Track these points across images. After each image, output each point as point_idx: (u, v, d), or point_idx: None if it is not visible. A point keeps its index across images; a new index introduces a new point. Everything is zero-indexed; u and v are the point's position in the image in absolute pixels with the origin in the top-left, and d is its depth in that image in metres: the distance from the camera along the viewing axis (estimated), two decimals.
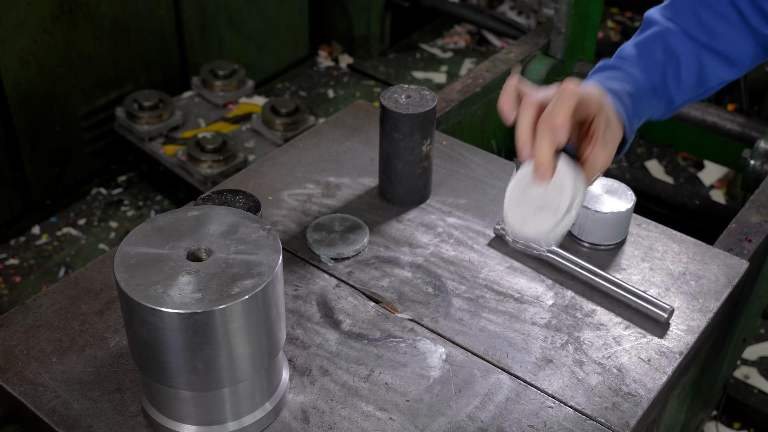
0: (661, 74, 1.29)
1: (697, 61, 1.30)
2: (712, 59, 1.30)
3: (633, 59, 1.30)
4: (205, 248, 1.10)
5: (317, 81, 4.05)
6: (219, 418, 1.16)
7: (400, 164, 1.56)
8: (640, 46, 1.31)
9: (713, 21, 1.29)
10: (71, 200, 3.29)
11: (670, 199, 2.28)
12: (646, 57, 1.30)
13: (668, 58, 1.29)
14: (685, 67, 1.30)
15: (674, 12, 1.31)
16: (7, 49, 2.84)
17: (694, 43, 1.29)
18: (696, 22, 1.29)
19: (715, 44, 1.29)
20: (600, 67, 1.33)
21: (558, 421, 1.22)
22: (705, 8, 1.29)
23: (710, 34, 1.29)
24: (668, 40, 1.30)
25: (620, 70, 1.29)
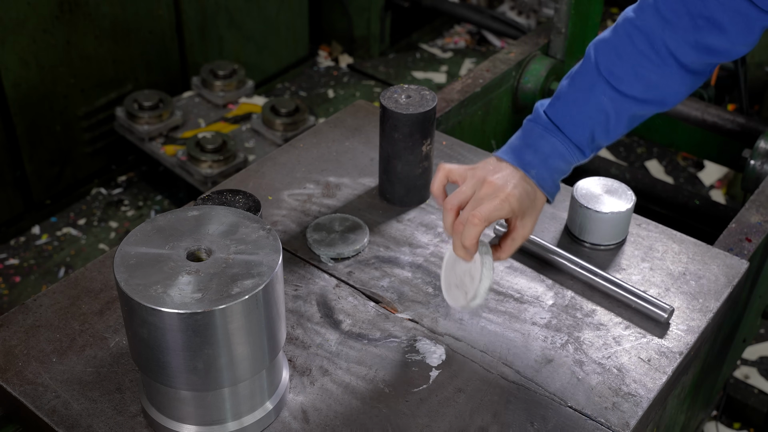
0: (589, 135, 1.30)
1: (630, 114, 1.29)
2: (644, 107, 1.29)
3: (563, 121, 1.30)
4: (205, 248, 1.10)
5: (317, 81, 4.05)
6: (219, 418, 1.16)
7: (400, 164, 1.56)
8: (571, 104, 1.29)
9: (649, 72, 1.25)
10: (71, 200, 3.29)
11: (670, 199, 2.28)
12: (575, 121, 1.29)
13: (598, 117, 1.29)
14: (616, 121, 1.29)
15: (610, 62, 1.27)
16: (7, 49, 2.84)
17: (626, 100, 1.27)
18: (632, 75, 1.26)
19: (650, 95, 1.27)
20: (528, 126, 1.33)
21: (558, 421, 1.22)
22: (642, 58, 1.25)
23: (646, 86, 1.26)
24: (600, 99, 1.27)
25: (545, 138, 1.30)
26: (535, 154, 1.30)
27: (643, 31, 1.24)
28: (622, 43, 1.26)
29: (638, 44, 1.25)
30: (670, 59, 1.24)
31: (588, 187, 1.52)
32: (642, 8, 1.25)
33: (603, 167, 2.39)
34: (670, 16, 1.22)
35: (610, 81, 1.27)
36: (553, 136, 1.30)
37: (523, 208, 1.28)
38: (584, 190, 1.52)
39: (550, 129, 1.30)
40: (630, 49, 1.25)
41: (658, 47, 1.23)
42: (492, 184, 1.26)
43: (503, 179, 1.27)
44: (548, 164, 1.29)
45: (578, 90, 1.30)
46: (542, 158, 1.29)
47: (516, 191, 1.26)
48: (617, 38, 1.27)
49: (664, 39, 1.23)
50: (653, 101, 1.28)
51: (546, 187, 1.30)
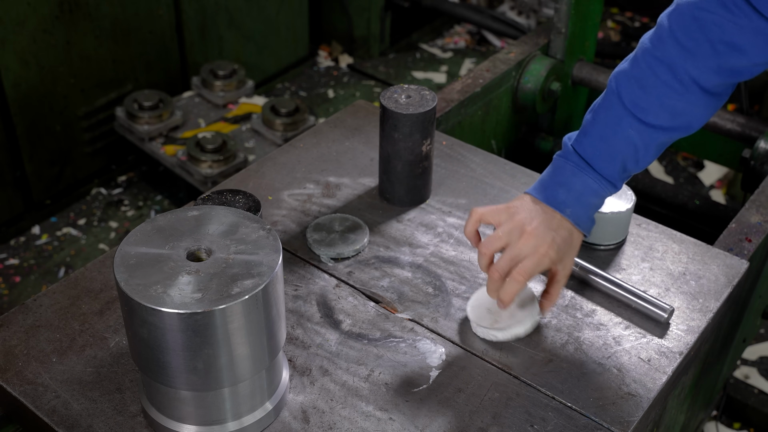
0: (620, 168, 1.30)
1: (657, 143, 1.29)
2: (672, 134, 1.29)
3: (593, 157, 1.30)
4: (205, 248, 1.10)
5: (317, 81, 4.05)
6: (219, 418, 1.16)
7: (400, 164, 1.56)
8: (599, 140, 1.30)
9: (675, 101, 1.25)
10: (71, 200, 3.28)
11: (670, 199, 2.28)
12: (605, 156, 1.30)
13: (627, 150, 1.29)
14: (644, 152, 1.29)
15: (634, 95, 1.27)
16: (7, 49, 2.84)
17: (653, 131, 1.28)
18: (657, 106, 1.26)
19: (677, 123, 1.27)
20: (559, 163, 1.33)
21: (558, 421, 1.22)
22: (666, 89, 1.25)
23: (672, 115, 1.26)
24: (627, 133, 1.28)
25: (577, 175, 1.31)
26: (569, 193, 1.30)
27: (664, 62, 1.24)
28: (645, 76, 1.26)
29: (661, 75, 1.25)
30: (694, 86, 1.24)
31: None
32: (660, 38, 1.25)
33: None
34: (691, 45, 1.22)
35: (636, 114, 1.27)
36: (584, 173, 1.30)
37: (562, 254, 1.30)
38: None
39: (581, 166, 1.31)
40: (653, 80, 1.25)
41: (681, 77, 1.24)
42: (531, 236, 1.27)
43: (542, 230, 1.28)
44: (582, 201, 1.31)
45: (605, 125, 1.30)
46: (576, 196, 1.30)
47: (555, 242, 1.28)
48: (639, 70, 1.27)
49: (686, 68, 1.23)
50: (679, 128, 1.28)
51: (582, 225, 1.31)
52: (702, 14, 1.21)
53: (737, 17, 1.18)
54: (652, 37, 1.27)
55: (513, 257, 1.27)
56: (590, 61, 2.38)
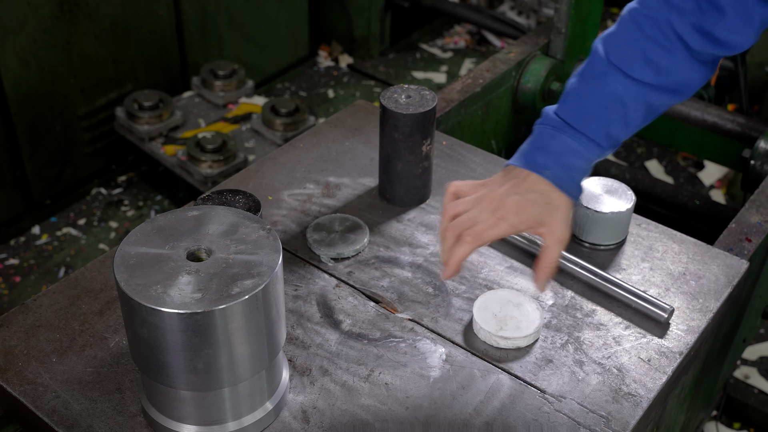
0: (605, 126, 1.26)
1: (644, 102, 1.26)
2: (659, 95, 1.27)
3: (574, 116, 1.27)
4: (205, 248, 1.10)
5: (317, 81, 4.05)
6: (219, 418, 1.16)
7: (400, 164, 1.56)
8: (583, 97, 1.27)
9: (659, 56, 1.24)
10: (71, 200, 3.29)
11: (670, 199, 2.28)
12: (588, 114, 1.26)
13: (613, 107, 1.26)
14: (632, 110, 1.26)
15: (620, 51, 1.26)
16: (7, 49, 2.84)
17: (640, 86, 1.25)
18: (642, 60, 1.24)
19: (662, 81, 1.25)
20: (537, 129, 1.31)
21: (558, 421, 1.22)
22: (651, 43, 1.24)
23: (657, 71, 1.25)
24: (614, 88, 1.25)
25: (556, 137, 1.27)
26: (548, 155, 1.26)
27: (649, 17, 1.24)
28: (630, 31, 1.25)
29: (646, 30, 1.24)
30: (678, 43, 1.23)
31: (588, 187, 1.52)
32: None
33: (603, 167, 2.39)
34: (676, 1, 1.22)
35: (622, 68, 1.25)
36: (564, 134, 1.27)
37: (533, 218, 1.24)
38: (584, 190, 1.51)
39: (561, 127, 1.27)
40: (638, 35, 1.24)
41: (666, 31, 1.23)
42: (491, 200, 1.24)
43: (505, 193, 1.24)
44: (562, 162, 1.25)
45: (589, 82, 1.27)
46: (555, 157, 1.26)
47: (516, 207, 1.23)
48: (623, 28, 1.27)
49: (670, 22, 1.23)
50: (667, 88, 1.26)
51: (565, 187, 1.25)
52: None
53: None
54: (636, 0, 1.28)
55: (468, 219, 1.23)
56: None
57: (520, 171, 1.26)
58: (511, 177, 1.26)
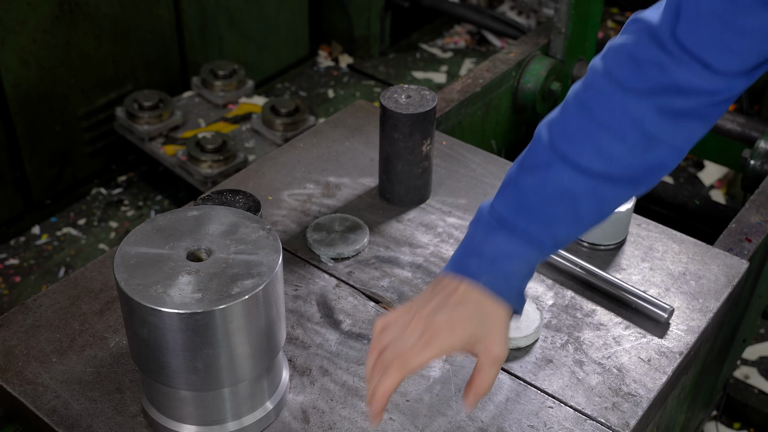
0: (550, 223, 1.09)
1: (597, 197, 1.09)
2: (614, 190, 1.09)
3: (512, 212, 1.09)
4: (205, 248, 1.10)
5: (317, 81, 4.05)
6: (219, 418, 1.16)
7: (400, 164, 1.56)
8: (524, 190, 1.09)
9: (612, 145, 1.07)
10: (71, 200, 3.28)
11: (670, 199, 2.28)
12: (530, 209, 1.08)
13: (561, 203, 1.08)
14: (584, 206, 1.09)
15: (566, 138, 1.08)
16: (7, 49, 2.84)
17: (589, 179, 1.07)
18: (592, 149, 1.07)
19: (615, 172, 1.08)
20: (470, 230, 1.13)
21: (558, 421, 1.22)
22: (602, 130, 1.07)
23: (608, 162, 1.07)
24: (559, 179, 1.08)
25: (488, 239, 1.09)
26: (481, 260, 1.08)
27: (600, 102, 1.08)
28: (579, 117, 1.09)
29: (597, 115, 1.07)
30: (633, 128, 1.07)
31: None
32: (594, 80, 1.09)
33: None
34: (629, 83, 1.06)
35: (568, 156, 1.07)
36: (499, 235, 1.08)
37: (467, 334, 1.05)
38: None
39: (497, 226, 1.09)
40: (587, 121, 1.08)
41: (618, 115, 1.07)
42: (418, 321, 1.06)
43: (433, 310, 1.06)
44: (498, 268, 1.07)
45: (531, 173, 1.09)
46: (489, 262, 1.08)
47: (446, 325, 1.05)
48: (571, 113, 1.10)
49: (624, 105, 1.06)
50: (619, 179, 1.08)
51: (503, 295, 1.07)
52: (640, 53, 1.06)
53: (679, 64, 1.04)
54: (584, 81, 1.11)
55: (394, 348, 1.06)
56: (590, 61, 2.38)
57: (450, 281, 1.09)
58: (441, 289, 1.09)
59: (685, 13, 1.03)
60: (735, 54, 1.03)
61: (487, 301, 1.07)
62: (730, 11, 0.99)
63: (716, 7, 1.00)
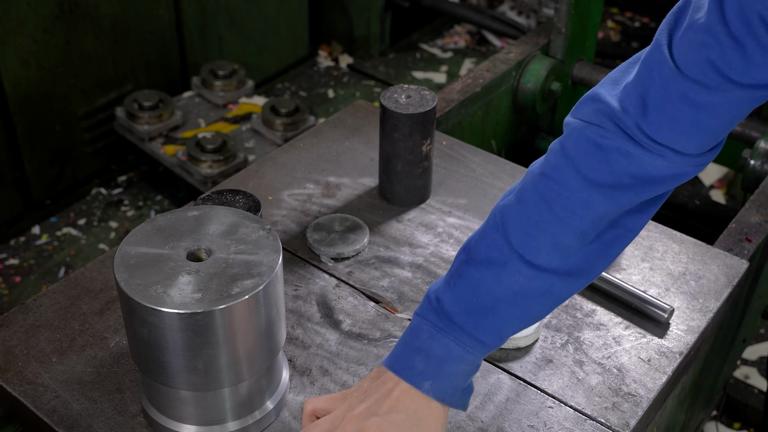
0: (500, 326, 1.06)
1: (549, 294, 1.06)
2: (567, 284, 1.06)
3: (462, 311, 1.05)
4: (205, 248, 1.10)
5: (317, 81, 4.05)
6: (219, 418, 1.16)
7: (400, 164, 1.56)
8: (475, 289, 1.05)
9: (572, 240, 1.04)
10: (71, 200, 3.28)
11: (670, 199, 2.28)
12: (481, 311, 1.05)
13: (514, 302, 1.04)
14: (536, 306, 1.06)
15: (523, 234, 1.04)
16: (7, 49, 2.84)
17: (545, 276, 1.04)
18: (551, 246, 1.03)
19: (570, 266, 1.05)
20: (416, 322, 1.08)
21: (558, 421, 1.22)
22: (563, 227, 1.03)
23: (566, 257, 1.04)
24: (514, 279, 1.04)
25: (436, 338, 1.05)
26: (427, 361, 1.04)
27: (562, 195, 1.03)
28: (538, 210, 1.04)
29: (557, 210, 1.03)
30: (593, 226, 1.03)
31: None
32: (556, 167, 1.04)
33: None
34: (595, 177, 1.02)
35: (525, 255, 1.03)
36: (447, 336, 1.05)
37: None
38: None
39: (442, 328, 1.05)
40: (547, 216, 1.03)
41: (579, 212, 1.02)
42: (348, 422, 1.05)
43: (363, 413, 1.04)
44: (444, 371, 1.04)
45: (485, 269, 1.05)
46: (436, 364, 1.04)
47: (375, 429, 1.03)
48: (530, 204, 1.05)
49: (588, 201, 1.02)
50: (573, 272, 1.05)
51: (447, 399, 1.05)
52: (605, 142, 1.01)
53: (647, 151, 1.00)
54: (544, 166, 1.06)
55: None
56: (590, 61, 2.38)
57: (388, 378, 1.06)
58: (376, 388, 1.06)
59: (653, 103, 0.98)
60: (709, 134, 0.99)
61: (424, 407, 1.04)
62: (700, 93, 0.95)
63: (685, 92, 0.95)
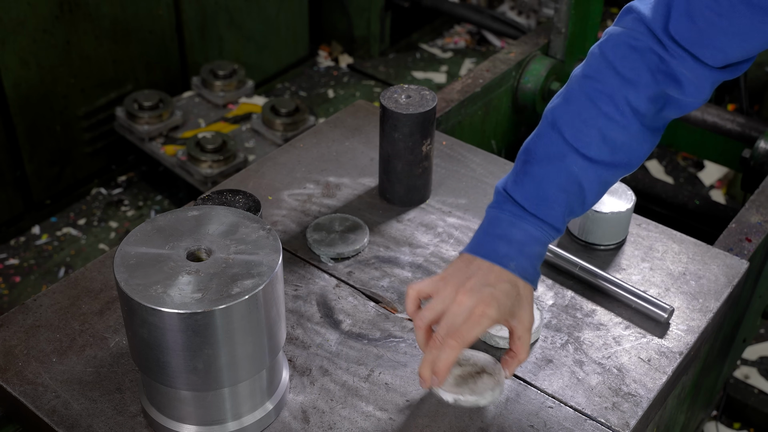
0: (566, 211, 1.20)
1: (601, 181, 1.21)
2: (615, 173, 1.21)
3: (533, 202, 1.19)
4: (205, 248, 1.10)
5: (317, 81, 4.05)
6: (219, 418, 1.16)
7: (400, 164, 1.56)
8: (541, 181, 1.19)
9: (616, 134, 1.18)
10: (71, 200, 3.28)
11: (670, 199, 2.28)
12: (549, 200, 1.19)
13: (573, 191, 1.19)
14: (589, 191, 1.20)
15: (576, 130, 1.18)
16: (7, 49, 2.84)
17: (596, 167, 1.19)
18: (600, 139, 1.18)
19: (618, 158, 1.19)
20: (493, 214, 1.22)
21: (558, 421, 1.22)
22: (608, 121, 1.17)
23: (613, 149, 1.18)
24: (572, 170, 1.18)
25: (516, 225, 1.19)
26: (510, 245, 1.18)
27: (604, 93, 1.18)
28: (585, 107, 1.19)
29: (602, 106, 1.18)
30: (634, 118, 1.18)
31: None
32: (598, 69, 1.19)
33: None
34: (631, 75, 1.16)
35: (579, 149, 1.18)
36: (525, 222, 1.19)
37: (507, 309, 1.17)
38: None
39: (520, 214, 1.19)
40: (594, 112, 1.18)
41: (622, 107, 1.17)
42: (465, 297, 1.15)
43: (477, 288, 1.16)
44: (525, 253, 1.18)
45: (546, 164, 1.20)
46: (518, 248, 1.18)
47: (495, 298, 1.15)
48: (578, 103, 1.19)
49: (627, 97, 1.17)
50: (620, 164, 1.21)
51: (529, 277, 1.19)
52: (639, 44, 1.16)
53: (674, 56, 1.15)
54: (586, 69, 1.21)
55: (448, 325, 1.15)
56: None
57: (482, 262, 1.18)
58: (476, 268, 1.18)
59: (675, 11, 1.13)
60: (720, 51, 1.13)
61: (518, 280, 1.18)
62: (715, 12, 1.10)
63: (703, 7, 1.11)
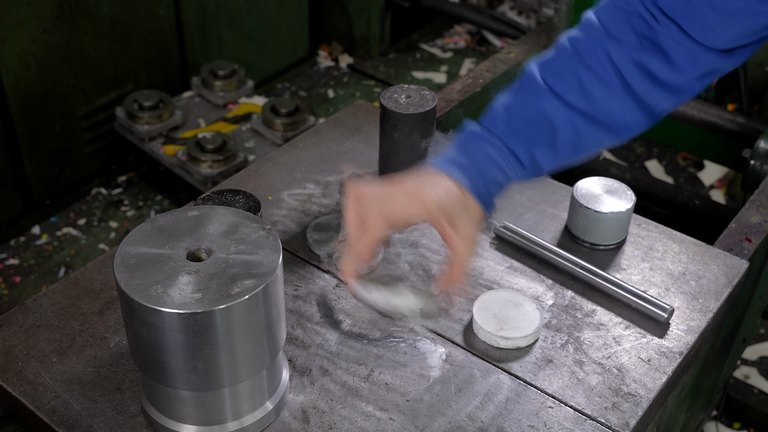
0: (530, 144, 1.20)
1: (574, 129, 1.20)
2: (590, 128, 1.20)
3: (499, 127, 1.21)
4: (205, 248, 1.10)
5: (317, 81, 4.05)
6: (219, 418, 1.16)
7: (400, 164, 1.56)
8: (511, 111, 1.21)
9: (594, 86, 1.18)
10: (71, 200, 3.28)
11: (670, 199, 2.28)
12: (515, 128, 1.20)
13: (542, 127, 1.20)
14: (561, 135, 1.20)
15: (554, 73, 1.20)
16: (7, 49, 2.84)
17: (571, 111, 1.19)
18: (576, 86, 1.18)
19: (594, 111, 1.19)
20: (459, 138, 1.24)
21: (558, 421, 1.22)
22: (587, 71, 1.18)
23: (590, 100, 1.18)
24: (543, 107, 1.20)
25: (477, 144, 1.20)
26: (466, 158, 1.19)
27: (588, 44, 1.19)
28: (567, 57, 1.20)
29: (583, 56, 1.19)
30: (615, 75, 1.18)
31: (588, 187, 1.52)
32: (585, 27, 1.22)
33: (603, 167, 2.39)
34: (615, 33, 1.18)
35: (555, 89, 1.19)
36: (485, 143, 1.20)
37: (448, 210, 1.16)
38: (584, 190, 1.52)
39: (484, 136, 1.21)
40: (575, 61, 1.19)
41: (603, 61, 1.18)
42: (404, 186, 1.17)
43: (420, 182, 1.17)
44: (481, 170, 1.19)
45: (519, 97, 1.22)
46: (474, 163, 1.19)
47: (433, 191, 1.15)
48: (561, 54, 1.22)
49: (609, 52, 1.18)
50: (597, 120, 1.20)
51: (480, 195, 1.19)
52: (628, 7, 1.17)
53: (662, 26, 1.15)
54: (577, 28, 1.23)
55: (378, 204, 1.16)
56: None
57: (435, 172, 1.19)
58: (426, 174, 1.19)
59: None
60: (708, 28, 1.13)
61: (470, 198, 1.18)
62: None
63: None
